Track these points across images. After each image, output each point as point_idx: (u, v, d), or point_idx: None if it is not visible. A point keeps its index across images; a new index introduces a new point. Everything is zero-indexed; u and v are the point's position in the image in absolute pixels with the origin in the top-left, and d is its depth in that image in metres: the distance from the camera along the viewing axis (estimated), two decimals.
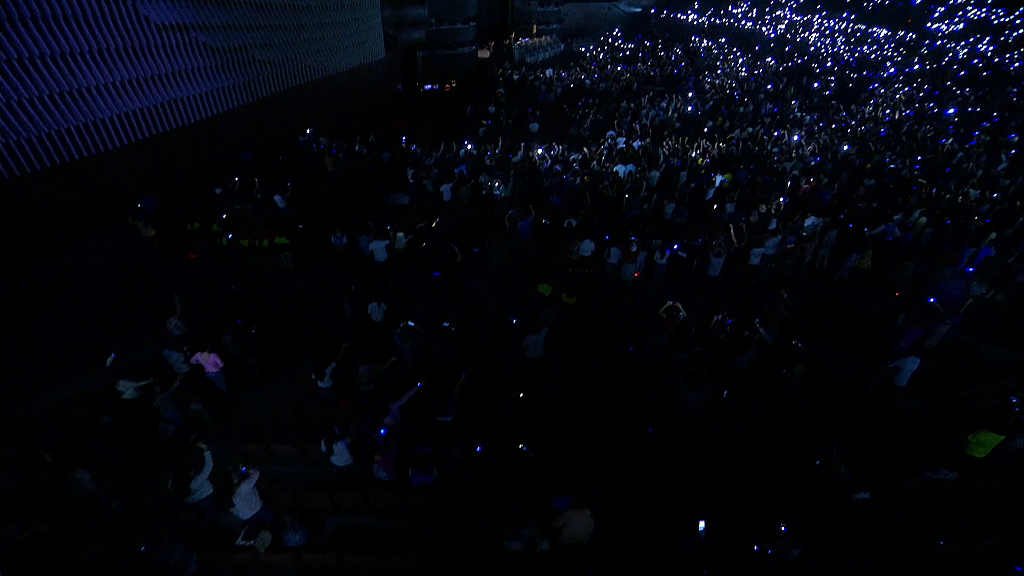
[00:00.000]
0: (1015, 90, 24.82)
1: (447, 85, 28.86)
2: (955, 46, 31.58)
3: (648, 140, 17.39)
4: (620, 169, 14.42)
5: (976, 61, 29.72)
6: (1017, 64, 28.90)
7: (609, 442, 6.41)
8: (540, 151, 16.00)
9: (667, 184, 14.02)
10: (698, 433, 6.46)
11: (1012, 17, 31.24)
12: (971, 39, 31.72)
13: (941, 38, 33.05)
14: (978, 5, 33.65)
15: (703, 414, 6.47)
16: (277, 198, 13.60)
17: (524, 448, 5.83)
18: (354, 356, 7.35)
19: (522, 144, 16.26)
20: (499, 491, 5.91)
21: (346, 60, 22.93)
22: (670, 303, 8.07)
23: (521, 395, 6.68)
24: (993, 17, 32.42)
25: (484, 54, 33.54)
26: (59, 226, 11.75)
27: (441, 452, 5.90)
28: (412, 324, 7.49)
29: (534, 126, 19.78)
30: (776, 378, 7.28)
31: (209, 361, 7.40)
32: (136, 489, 6.38)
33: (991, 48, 30.47)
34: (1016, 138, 18.64)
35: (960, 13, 33.86)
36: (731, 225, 11.09)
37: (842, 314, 9.86)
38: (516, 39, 33.78)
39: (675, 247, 10.17)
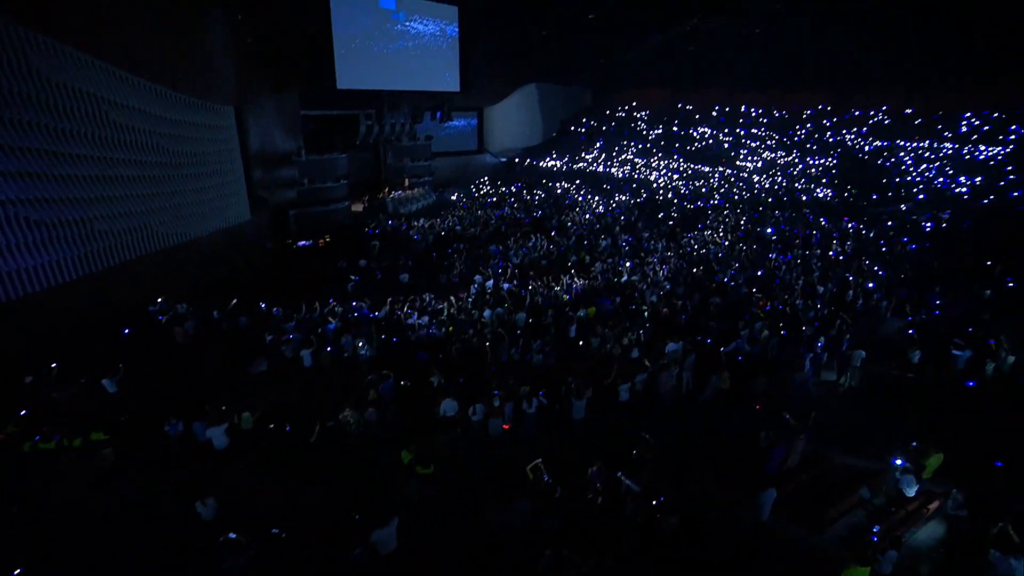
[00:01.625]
0: (808, 212, 29.99)
1: (321, 240, 28.83)
2: (760, 179, 38.42)
3: (515, 282, 18.09)
4: (487, 314, 14.57)
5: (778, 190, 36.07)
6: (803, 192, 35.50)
7: None
8: (406, 305, 15.88)
9: (535, 325, 14.29)
10: None
11: (791, 158, 39.16)
12: (769, 173, 38.95)
13: (749, 173, 39.98)
14: (768, 149, 42.02)
15: None
16: (106, 382, 11.89)
17: None
18: None
19: (388, 299, 16.06)
20: None
21: (207, 225, 22.17)
22: (537, 461, 7.62)
23: None
24: (778, 158, 40.59)
25: (358, 208, 34.43)
26: None
27: None
28: (234, 536, 6.24)
29: (404, 277, 19.85)
30: (652, 532, 6.87)
31: None
32: None
33: (784, 180, 37.65)
34: (820, 251, 21.92)
35: (758, 154, 41.87)
36: (597, 361, 11.29)
37: (710, 440, 9.98)
38: (390, 192, 35.27)
39: (540, 394, 9.98)
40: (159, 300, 17.20)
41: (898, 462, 8.04)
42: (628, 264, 20.08)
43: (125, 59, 16.77)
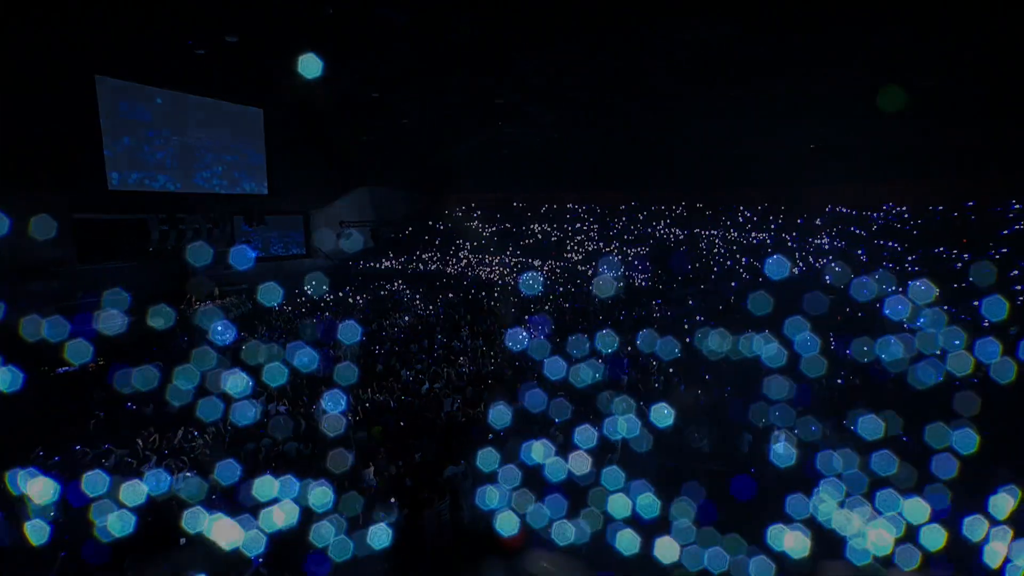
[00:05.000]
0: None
1: (91, 365, 23.88)
2: (585, 269, 40.91)
3: (305, 398, 15.71)
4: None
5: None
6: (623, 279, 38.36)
7: None
8: (143, 449, 12.63)
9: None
10: None
11: (611, 248, 43.67)
12: (592, 264, 41.79)
13: (574, 264, 42.50)
14: (592, 241, 46.00)
15: None
16: None
17: None
18: None
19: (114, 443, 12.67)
20: None
21: None
22: None
23: None
24: (601, 249, 43.95)
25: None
26: None
27: None
28: None
29: (174, 406, 16.35)
30: None
31: None
32: None
33: (605, 269, 40.56)
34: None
35: (579, 248, 44.83)
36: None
37: None
38: (195, 304, 31.23)
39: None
40: None
41: None
42: (435, 369, 18.71)
43: None
